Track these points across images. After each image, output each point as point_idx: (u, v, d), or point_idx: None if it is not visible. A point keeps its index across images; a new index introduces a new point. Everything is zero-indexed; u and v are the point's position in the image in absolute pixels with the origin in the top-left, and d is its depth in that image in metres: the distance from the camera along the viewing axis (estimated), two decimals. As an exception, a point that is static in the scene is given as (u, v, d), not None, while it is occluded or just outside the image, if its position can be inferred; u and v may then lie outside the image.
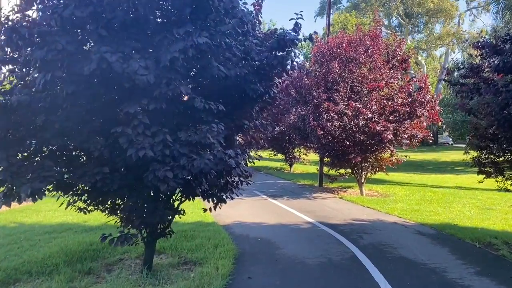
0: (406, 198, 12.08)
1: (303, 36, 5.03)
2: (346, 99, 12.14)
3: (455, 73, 11.96)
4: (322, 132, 11.84)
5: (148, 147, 3.70)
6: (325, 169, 14.54)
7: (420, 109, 11.66)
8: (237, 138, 6.01)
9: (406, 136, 12.00)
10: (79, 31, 3.93)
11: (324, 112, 11.87)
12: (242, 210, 10.31)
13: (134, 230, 5.59)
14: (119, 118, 4.04)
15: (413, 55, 14.36)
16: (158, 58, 3.84)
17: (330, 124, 11.66)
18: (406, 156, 12.73)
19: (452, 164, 27.72)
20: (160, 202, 4.73)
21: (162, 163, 3.89)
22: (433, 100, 11.99)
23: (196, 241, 7.07)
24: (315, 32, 4.97)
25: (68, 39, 3.71)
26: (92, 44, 3.96)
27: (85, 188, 4.30)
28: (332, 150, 12.54)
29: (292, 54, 4.92)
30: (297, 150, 20.47)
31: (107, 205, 4.98)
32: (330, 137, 12.00)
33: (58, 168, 4.28)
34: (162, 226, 6.00)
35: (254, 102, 5.27)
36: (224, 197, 6.06)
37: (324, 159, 14.41)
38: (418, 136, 12.03)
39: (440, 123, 13.39)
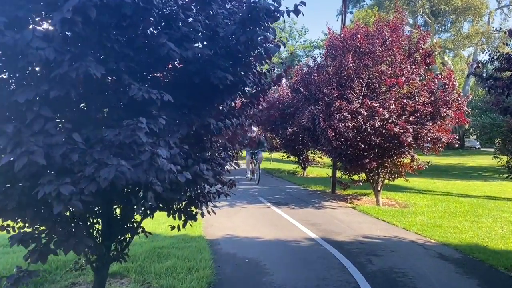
0: (428, 209, 10.69)
1: (286, 8, 3.81)
2: (361, 97, 10.83)
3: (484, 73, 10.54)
4: (333, 134, 10.57)
5: (38, 150, 2.55)
6: (339, 173, 13.23)
7: (444, 109, 10.25)
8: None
9: (428, 139, 10.60)
10: None
11: (336, 112, 10.60)
12: (239, 220, 9.14)
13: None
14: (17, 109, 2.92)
15: (438, 49, 12.89)
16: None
17: (343, 125, 10.38)
18: (428, 163, 11.30)
19: (479, 169, 25.95)
20: (77, 225, 3.57)
21: (63, 174, 2.75)
22: (459, 99, 10.56)
23: (170, 261, 5.93)
24: (303, 3, 3.74)
25: None
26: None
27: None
28: (345, 154, 11.24)
29: (271, 30, 3.70)
30: (311, 152, 19.15)
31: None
32: (342, 139, 10.72)
33: None
34: (119, 247, 4.93)
35: (225, 94, 4.08)
36: (194, 212, 4.94)
37: (338, 163, 13.13)
38: (442, 140, 10.61)
39: (467, 125, 11.92)
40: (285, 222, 8.92)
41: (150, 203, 3.62)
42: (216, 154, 5.01)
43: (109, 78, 3.56)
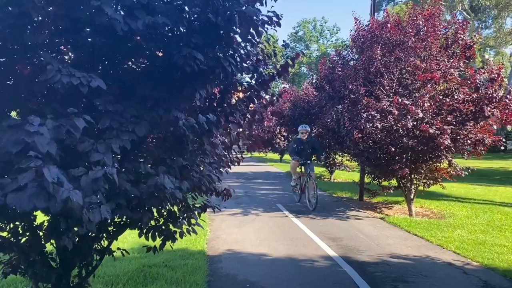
0: (468, 221, 9.37)
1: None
2: (391, 94, 9.66)
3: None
4: (360, 136, 9.44)
5: None
6: (367, 179, 12.00)
7: (489, 108, 8.92)
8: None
9: (469, 142, 9.29)
10: None
11: (363, 110, 9.46)
12: (250, 231, 8.16)
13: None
14: None
15: (480, 40, 11.38)
16: None
17: (370, 125, 9.23)
18: (468, 169, 9.90)
19: (524, 174, 23.97)
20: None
21: None
22: (508, 96, 9.18)
23: (156, 285, 5.02)
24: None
25: None
26: None
27: None
28: (373, 158, 10.09)
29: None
30: (339, 155, 17.93)
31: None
32: (370, 141, 9.58)
33: None
34: (84, 272, 4.07)
35: (197, 81, 3.12)
36: (173, 231, 4.00)
37: (366, 168, 11.92)
38: (486, 142, 9.27)
39: (510, 127, 10.42)
40: (302, 236, 7.87)
41: (88, 228, 2.70)
42: (206, 160, 4.08)
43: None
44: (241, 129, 4.74)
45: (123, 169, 3.37)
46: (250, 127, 4.84)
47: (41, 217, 3.51)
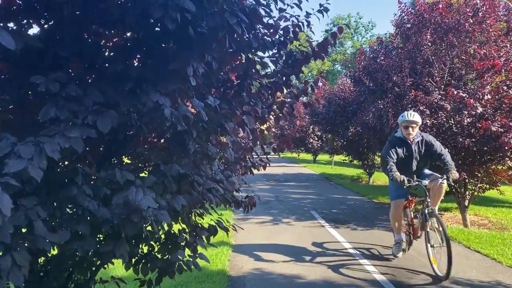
0: (537, 234, 7.97)
1: None
2: (442, 86, 8.38)
3: None
4: (406, 134, 8.20)
5: None
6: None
7: None
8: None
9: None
10: None
11: (409, 105, 8.24)
12: (280, 245, 7.08)
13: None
14: None
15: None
16: None
17: (419, 122, 7.98)
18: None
19: None
20: None
21: None
22: None
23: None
24: None
25: None
26: None
27: None
28: (421, 160, 8.80)
29: None
30: (379, 156, 16.59)
31: None
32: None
33: None
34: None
35: (193, 50, 2.08)
36: (170, 262, 2.98)
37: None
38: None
39: None
40: (341, 252, 6.72)
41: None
42: (214, 167, 3.06)
43: None
44: (264, 126, 3.71)
45: (96, 181, 2.42)
46: (277, 122, 3.79)
47: None
